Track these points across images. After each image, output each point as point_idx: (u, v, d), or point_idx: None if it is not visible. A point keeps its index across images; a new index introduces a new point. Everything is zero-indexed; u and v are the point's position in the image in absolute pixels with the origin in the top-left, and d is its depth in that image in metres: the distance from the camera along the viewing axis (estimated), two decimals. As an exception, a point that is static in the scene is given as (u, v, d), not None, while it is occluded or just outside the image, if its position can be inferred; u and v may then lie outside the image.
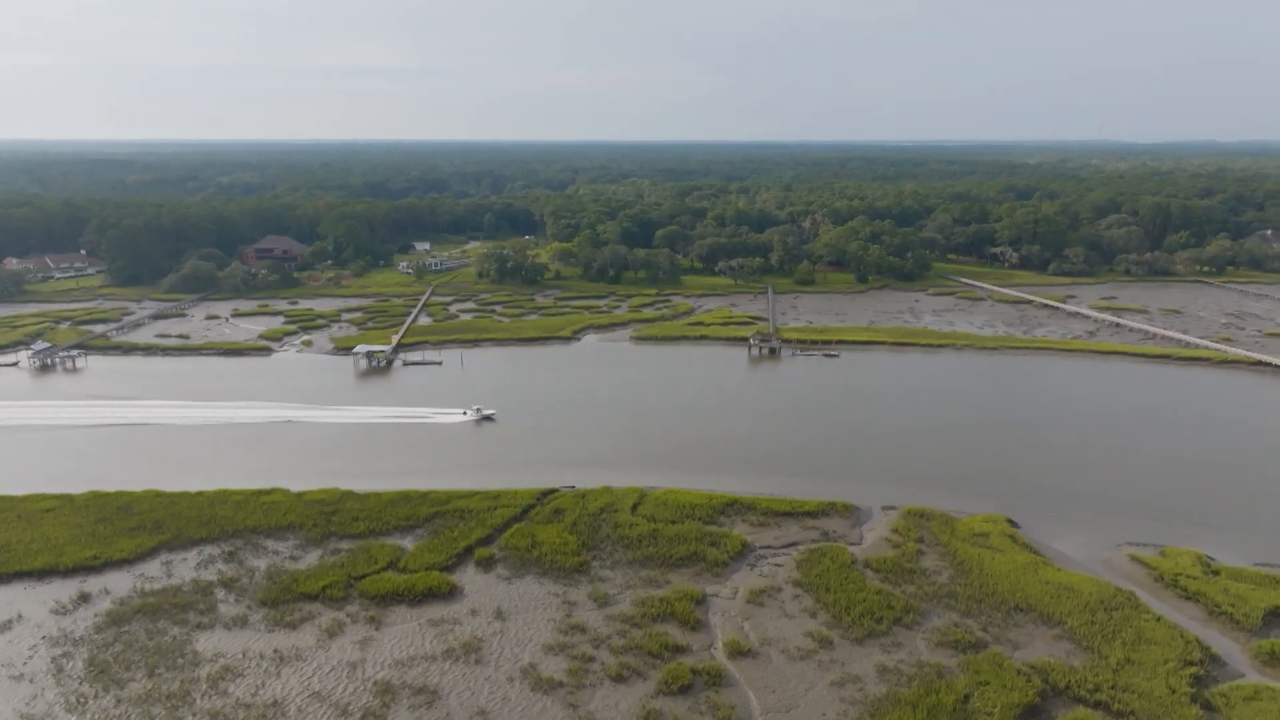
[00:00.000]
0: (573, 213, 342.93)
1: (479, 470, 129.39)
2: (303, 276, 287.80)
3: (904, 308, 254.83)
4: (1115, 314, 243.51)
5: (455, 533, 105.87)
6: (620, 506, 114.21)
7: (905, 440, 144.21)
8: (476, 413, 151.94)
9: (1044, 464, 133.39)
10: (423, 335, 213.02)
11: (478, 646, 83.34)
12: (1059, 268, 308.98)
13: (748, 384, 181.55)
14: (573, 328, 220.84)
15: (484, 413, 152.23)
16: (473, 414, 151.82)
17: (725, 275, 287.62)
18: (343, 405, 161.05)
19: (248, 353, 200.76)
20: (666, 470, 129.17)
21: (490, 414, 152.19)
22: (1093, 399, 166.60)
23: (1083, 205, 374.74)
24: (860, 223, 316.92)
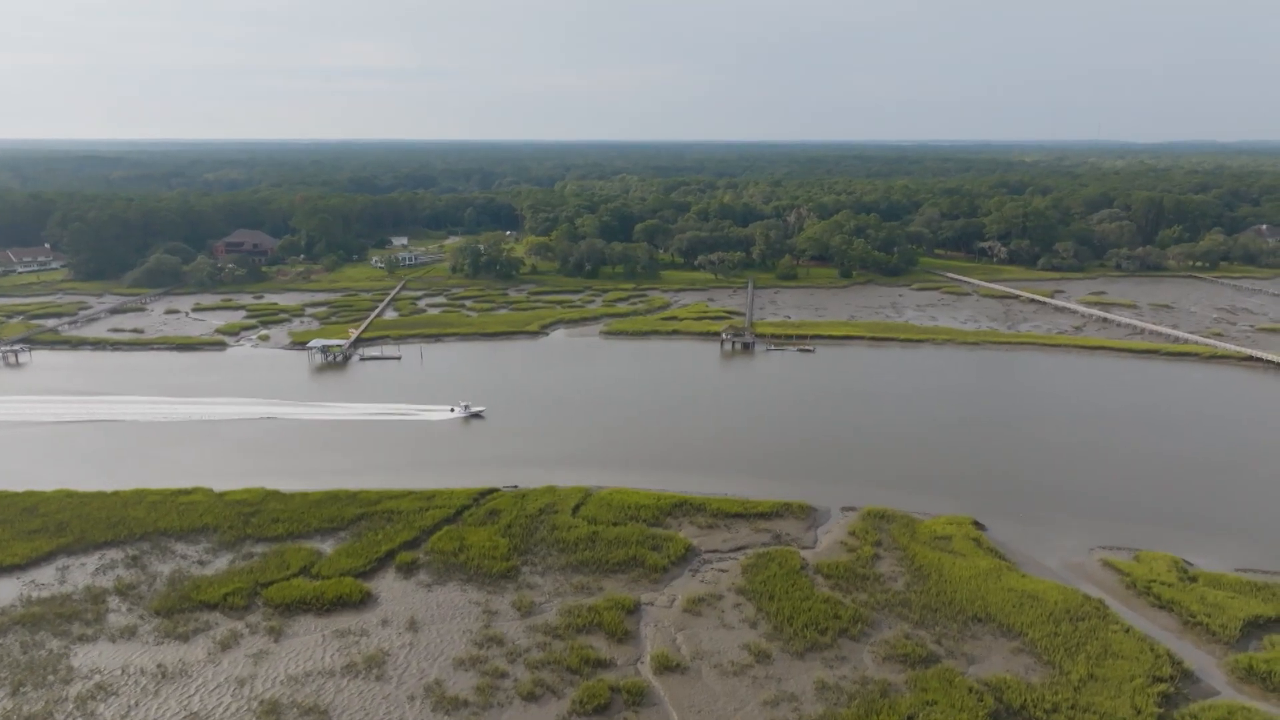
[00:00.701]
0: (552, 206, 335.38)
1: (425, 468, 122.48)
2: (272, 271, 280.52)
3: (886, 303, 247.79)
4: (1103, 309, 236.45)
5: (379, 535, 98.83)
6: (561, 507, 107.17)
7: (874, 438, 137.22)
8: (465, 410, 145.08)
9: (1018, 463, 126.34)
10: (385, 330, 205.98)
11: (382, 661, 76.28)
12: (1048, 262, 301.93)
13: (717, 380, 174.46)
14: (541, 322, 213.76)
15: (472, 410, 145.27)
16: (460, 411, 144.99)
17: (705, 270, 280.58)
18: (296, 401, 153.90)
19: (201, 347, 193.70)
20: (620, 468, 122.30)
21: (479, 411, 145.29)
22: (1074, 395, 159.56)
23: (1074, 200, 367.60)
24: (845, 216, 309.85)
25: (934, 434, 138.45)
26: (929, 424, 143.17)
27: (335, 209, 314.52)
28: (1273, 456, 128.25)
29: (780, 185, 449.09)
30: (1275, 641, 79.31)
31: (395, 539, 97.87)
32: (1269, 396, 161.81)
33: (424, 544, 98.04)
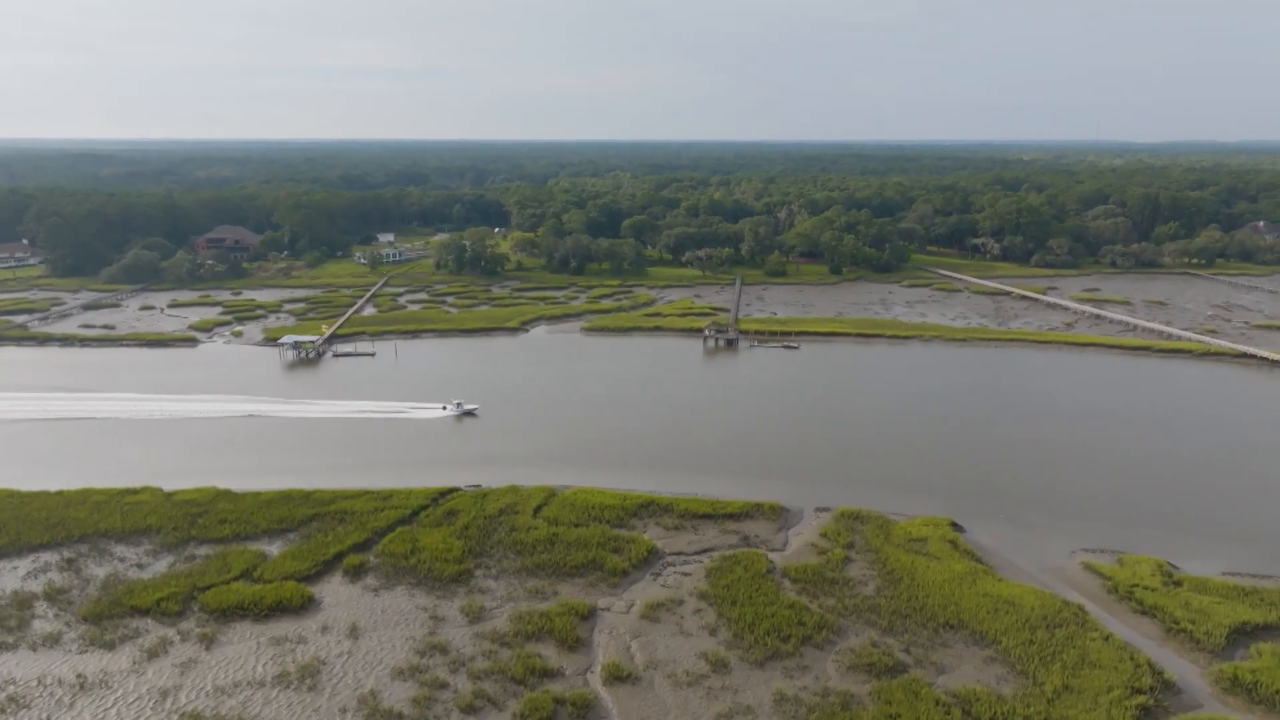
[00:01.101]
0: (540, 202, 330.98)
1: (392, 467, 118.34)
2: (252, 267, 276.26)
3: (875, 299, 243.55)
4: (1096, 306, 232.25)
5: (329, 537, 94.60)
6: (522, 508, 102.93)
7: (855, 436, 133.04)
8: (457, 408, 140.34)
9: (1002, 462, 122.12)
10: (361, 326, 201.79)
11: (317, 670, 72.03)
12: (1042, 259, 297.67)
13: (697, 377, 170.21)
14: (522, 319, 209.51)
15: (465, 408, 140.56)
16: (453, 409, 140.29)
17: (693, 266, 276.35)
18: (282, 399, 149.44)
19: (173, 344, 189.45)
20: (591, 467, 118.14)
21: (472, 409, 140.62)
22: (1062, 393, 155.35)
23: (1069, 197, 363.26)
24: (836, 212, 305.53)
25: (917, 432, 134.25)
26: (912, 422, 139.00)
27: (319, 205, 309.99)
28: (1265, 455, 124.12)
29: (774, 182, 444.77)
30: (1263, 650, 75.06)
31: (345, 541, 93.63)
32: (1263, 393, 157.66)
33: (375, 546, 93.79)
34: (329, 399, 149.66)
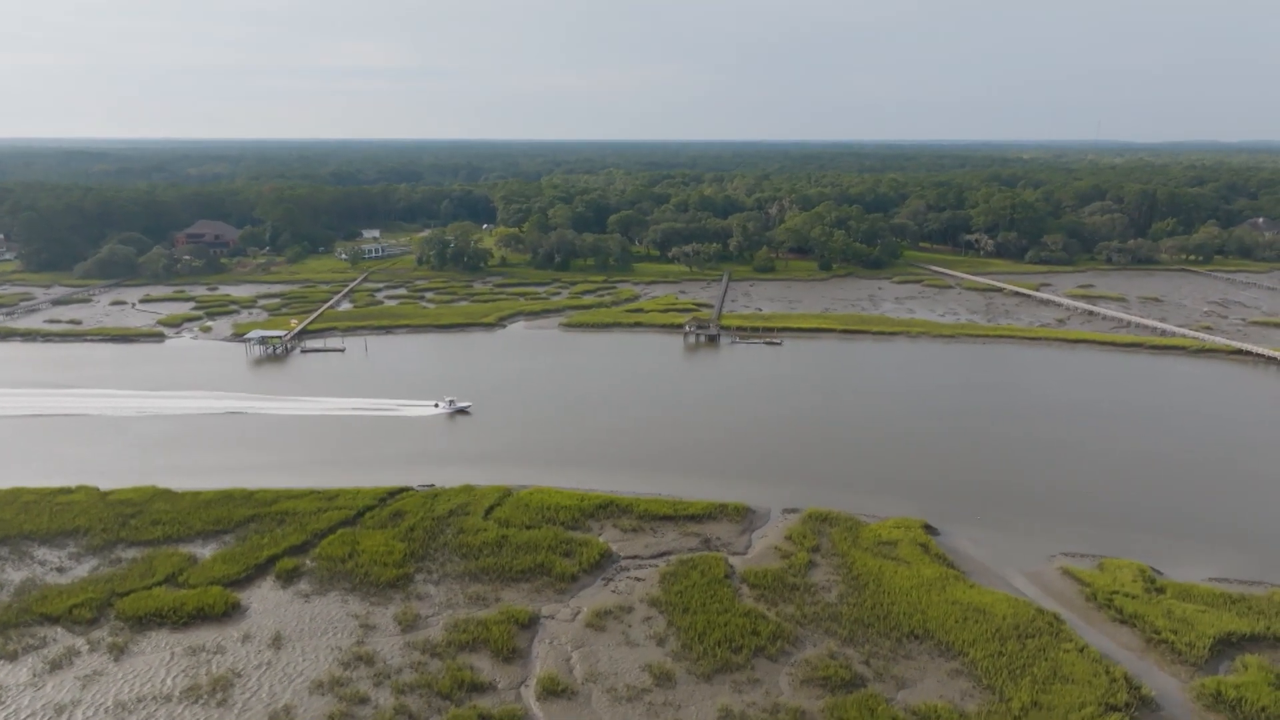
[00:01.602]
0: (527, 198, 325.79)
1: (349, 466, 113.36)
2: (231, 263, 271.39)
3: (864, 296, 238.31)
4: (1090, 302, 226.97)
5: (265, 539, 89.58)
6: (474, 509, 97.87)
7: (831, 434, 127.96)
8: (449, 405, 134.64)
9: (982, 461, 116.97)
10: (334, 322, 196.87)
11: (230, 683, 66.99)
12: (1036, 255, 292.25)
13: (675, 374, 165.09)
14: (500, 314, 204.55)
15: (458, 405, 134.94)
16: (445, 406, 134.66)
17: (680, 262, 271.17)
18: (265, 396, 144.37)
19: (138, 339, 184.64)
20: (554, 466, 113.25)
21: (465, 407, 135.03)
22: (1050, 390, 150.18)
23: (1066, 193, 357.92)
24: (827, 208, 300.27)
25: (895, 430, 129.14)
26: (891, 419, 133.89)
27: (302, 199, 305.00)
28: (1258, 454, 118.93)
29: (768, 179, 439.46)
30: (1249, 663, 69.89)
31: (281, 543, 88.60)
32: (1258, 391, 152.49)
33: (313, 549, 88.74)
34: (313, 396, 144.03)
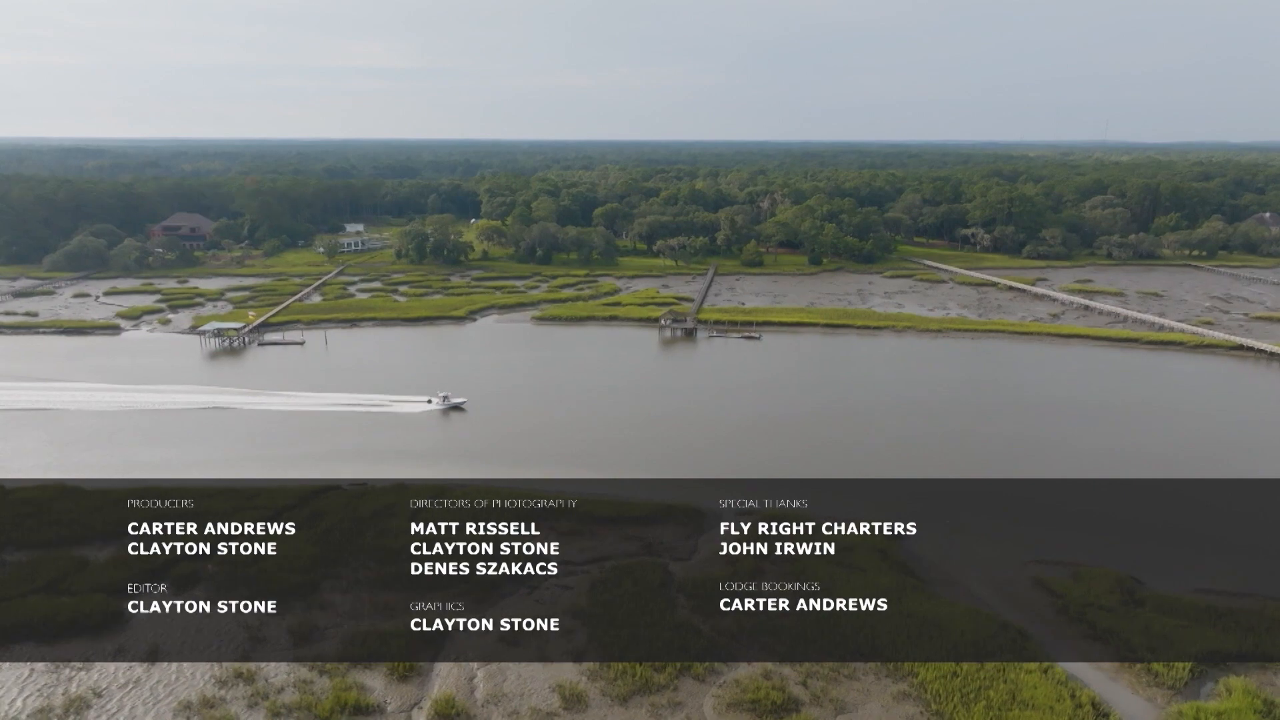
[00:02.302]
0: (512, 190, 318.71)
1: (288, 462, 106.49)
2: (206, 255, 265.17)
3: (853, 290, 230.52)
4: (1086, 297, 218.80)
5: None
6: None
7: (799, 431, 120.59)
8: (443, 401, 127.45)
9: (958, 460, 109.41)
10: (298, 314, 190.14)
11: (88, 704, 60.02)
12: (1034, 250, 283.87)
13: (646, 368, 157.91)
14: (471, 308, 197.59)
15: (452, 401, 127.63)
16: (438, 403, 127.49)
17: (665, 256, 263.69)
18: (249, 390, 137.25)
19: (93, 332, 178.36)
20: (502, 462, 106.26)
21: (460, 403, 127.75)
22: (1037, 386, 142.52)
23: (1067, 188, 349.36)
24: (818, 200, 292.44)
25: (869, 428, 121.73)
26: (866, 416, 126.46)
27: (282, 192, 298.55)
28: (1254, 454, 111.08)
29: (763, 174, 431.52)
30: (1233, 686, 62.31)
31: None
32: (1257, 388, 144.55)
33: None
34: (303, 391, 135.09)
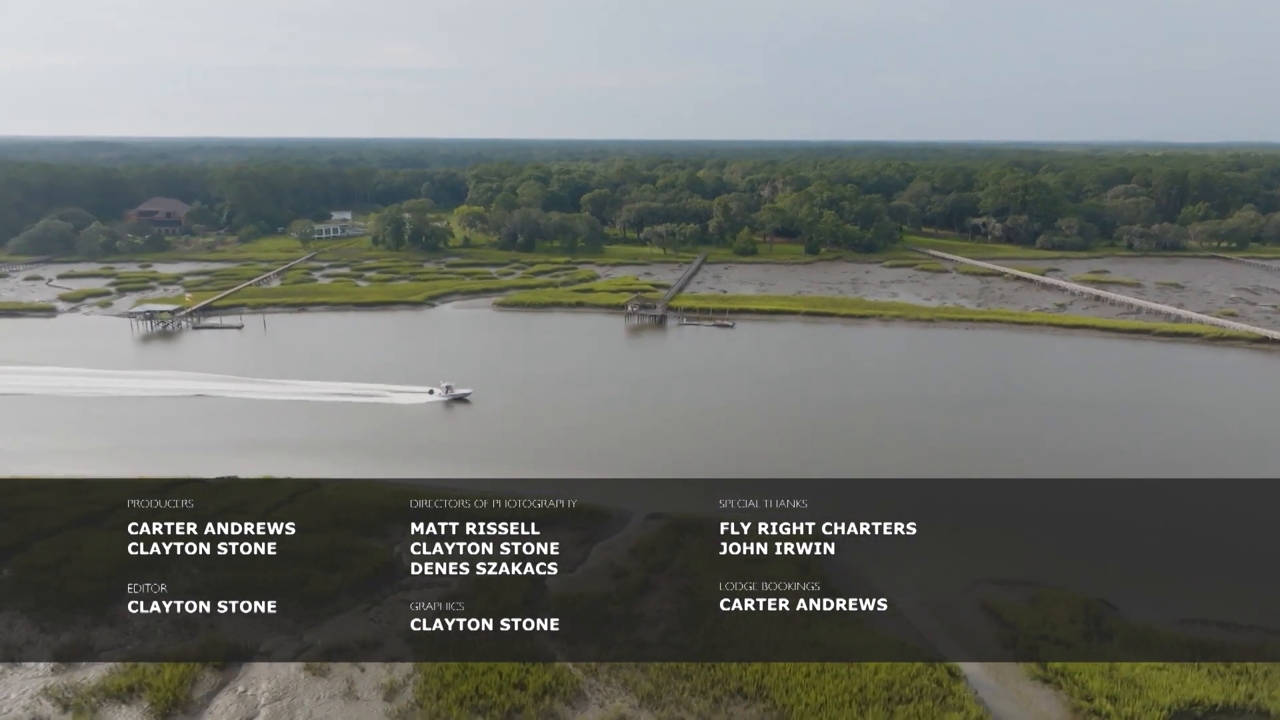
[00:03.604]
0: (501, 177, 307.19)
1: (156, 453, 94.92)
2: (178, 240, 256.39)
3: (846, 279, 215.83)
4: (1099, 287, 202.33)
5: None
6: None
7: (751, 425, 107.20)
8: (446, 392, 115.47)
9: (918, 459, 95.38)
10: (246, 298, 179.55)
11: None
12: (1049, 240, 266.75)
13: (602, 357, 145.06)
14: (431, 293, 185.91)
15: (456, 392, 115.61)
16: (441, 394, 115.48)
17: (653, 243, 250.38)
18: (226, 377, 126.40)
19: (27, 314, 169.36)
20: (412, 457, 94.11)
21: (464, 394, 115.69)
22: (1025, 378, 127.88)
23: (1088, 177, 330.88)
24: (819, 187, 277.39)
25: (826, 423, 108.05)
26: (826, 410, 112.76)
27: (263, 178, 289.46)
28: (1268, 459, 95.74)
29: (771, 164, 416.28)
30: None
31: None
32: (1278, 382, 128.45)
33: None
34: (294, 379, 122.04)
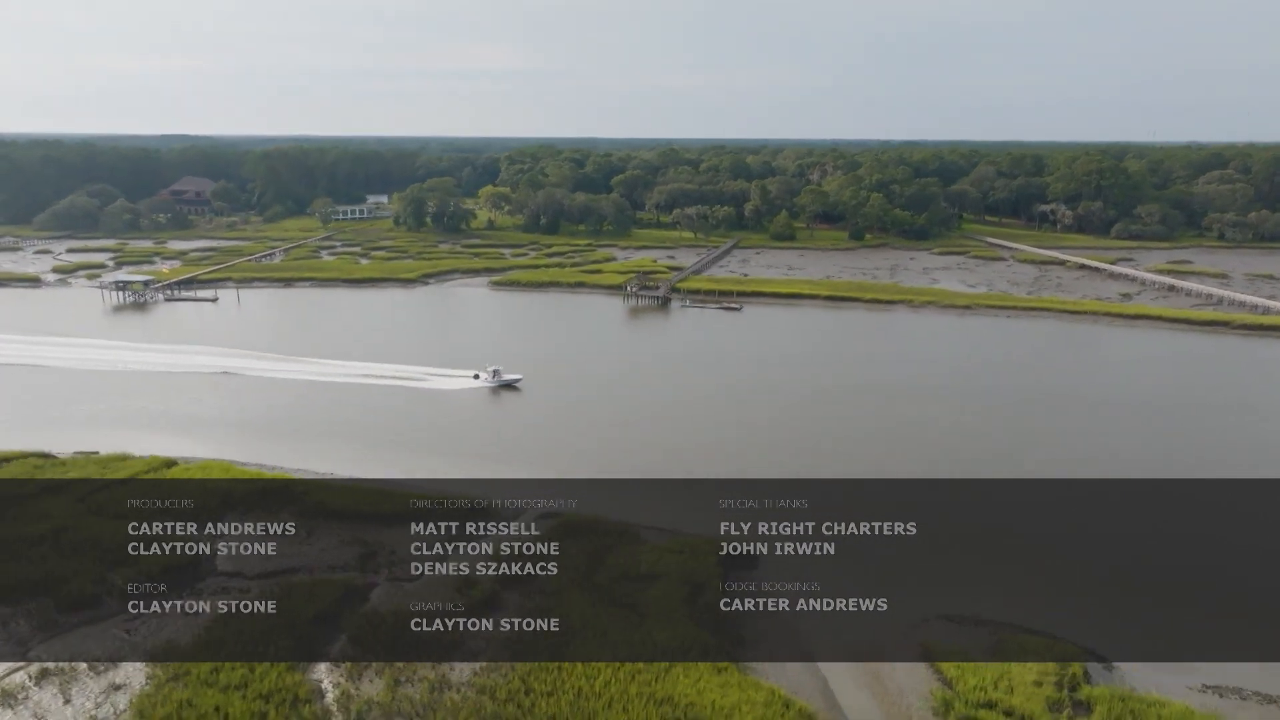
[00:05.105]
0: (535, 159, 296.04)
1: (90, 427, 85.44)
2: (202, 219, 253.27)
3: (885, 266, 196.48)
4: (1177, 277, 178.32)
5: None
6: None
7: (713, 419, 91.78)
8: (493, 377, 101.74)
9: (895, 460, 78.47)
10: (229, 272, 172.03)
11: None
12: (1124, 229, 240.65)
13: (589, 341, 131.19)
14: (427, 271, 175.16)
15: (504, 378, 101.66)
16: (487, 379, 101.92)
17: (683, 226, 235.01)
18: (250, 353, 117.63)
19: (12, 284, 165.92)
20: (346, 441, 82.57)
21: (514, 380, 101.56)
22: (1060, 370, 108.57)
23: (1177, 162, 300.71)
24: (869, 169, 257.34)
25: (795, 414, 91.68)
26: (807, 402, 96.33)
27: (293, 159, 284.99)
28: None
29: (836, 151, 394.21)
30: None
31: None
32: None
33: None
34: (321, 358, 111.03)
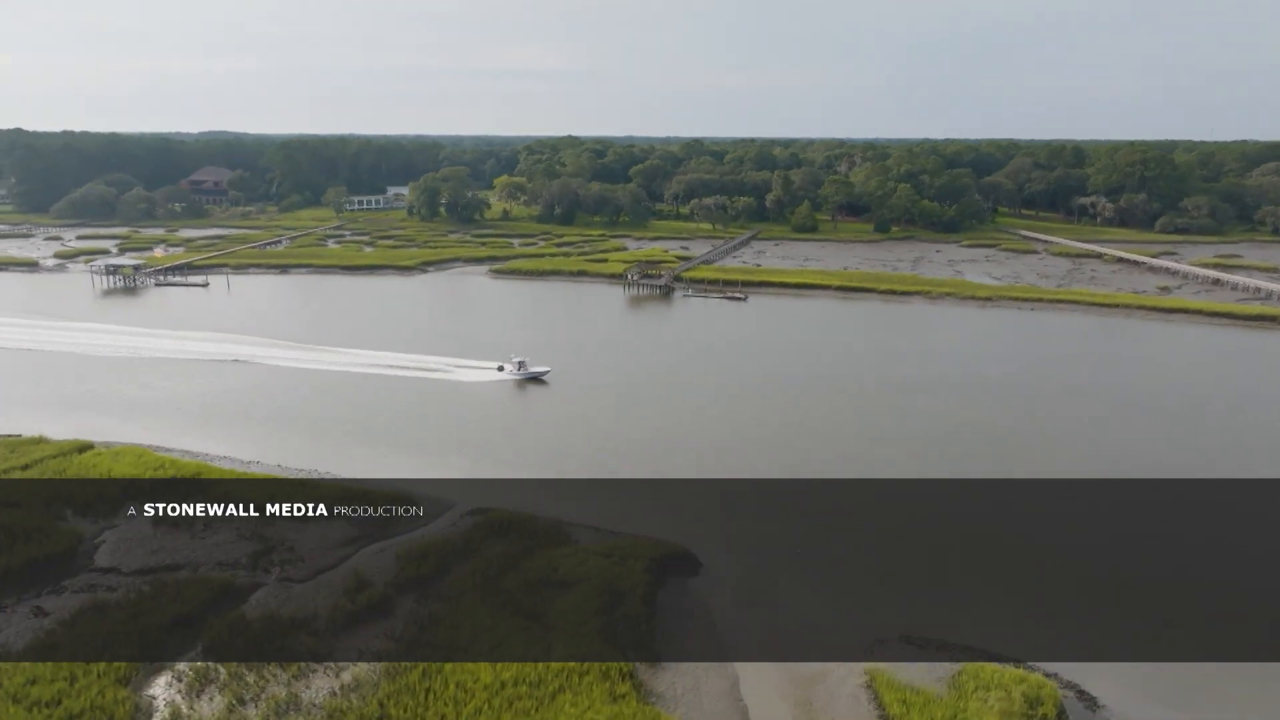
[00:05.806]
0: (555, 149, 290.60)
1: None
2: (218, 209, 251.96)
3: (909, 258, 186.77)
4: (1223, 271, 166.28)
5: None
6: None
7: (682, 415, 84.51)
8: (518, 368, 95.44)
9: (875, 459, 70.39)
10: (226, 258, 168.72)
11: None
12: (1170, 223, 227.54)
13: (579, 331, 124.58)
14: (428, 259, 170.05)
15: (531, 370, 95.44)
16: (513, 370, 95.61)
17: (701, 218, 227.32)
18: (265, 341, 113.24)
19: (11, 268, 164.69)
20: (317, 433, 77.08)
21: (541, 373, 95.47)
22: (1078, 365, 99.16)
23: (1228, 154, 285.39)
24: (897, 160, 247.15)
25: (773, 408, 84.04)
26: (788, 397, 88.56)
27: (313, 150, 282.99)
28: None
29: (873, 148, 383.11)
30: None
31: None
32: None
33: None
34: (345, 348, 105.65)
